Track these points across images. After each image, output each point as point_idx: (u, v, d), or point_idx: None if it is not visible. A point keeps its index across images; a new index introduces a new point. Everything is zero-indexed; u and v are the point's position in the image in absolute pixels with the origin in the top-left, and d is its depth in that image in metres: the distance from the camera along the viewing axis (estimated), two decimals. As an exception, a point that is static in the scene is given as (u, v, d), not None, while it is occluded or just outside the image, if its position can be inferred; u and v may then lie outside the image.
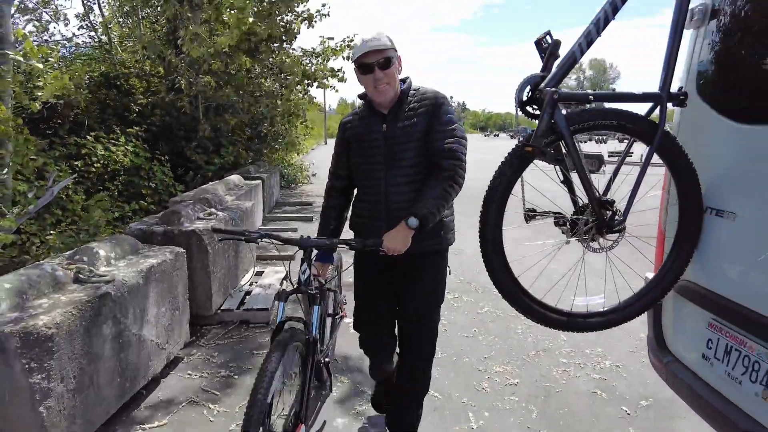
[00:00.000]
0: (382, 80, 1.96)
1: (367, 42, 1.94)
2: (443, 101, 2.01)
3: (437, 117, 1.98)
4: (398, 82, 2.04)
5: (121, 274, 2.51)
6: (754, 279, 1.58)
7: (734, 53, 1.77)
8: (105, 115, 8.16)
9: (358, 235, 2.19)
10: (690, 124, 1.93)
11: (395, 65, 2.00)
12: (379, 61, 1.94)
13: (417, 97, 2.04)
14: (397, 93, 2.03)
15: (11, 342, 1.83)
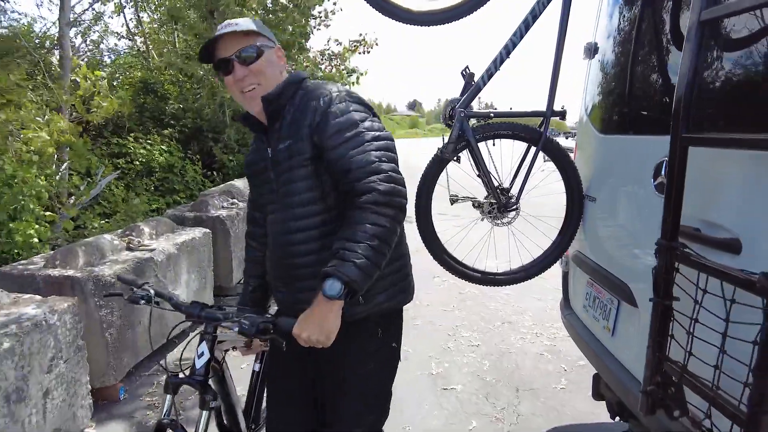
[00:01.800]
0: (247, 80, 1.38)
1: (220, 29, 1.38)
2: (330, 100, 1.35)
3: (324, 127, 1.32)
4: (279, 83, 1.43)
5: (161, 246, 3.28)
6: (603, 246, 2.22)
7: (601, 79, 2.41)
8: (143, 117, 9.09)
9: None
10: (581, 134, 2.58)
11: (267, 58, 1.41)
12: (239, 53, 1.37)
13: (301, 102, 1.40)
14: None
15: (88, 285, 2.60)
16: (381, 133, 1.37)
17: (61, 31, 5.75)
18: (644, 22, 2.06)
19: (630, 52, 2.14)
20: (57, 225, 4.90)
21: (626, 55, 2.18)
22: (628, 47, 2.15)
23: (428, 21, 2.33)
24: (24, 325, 1.99)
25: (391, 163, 1.34)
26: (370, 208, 1.26)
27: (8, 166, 3.70)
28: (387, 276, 1.46)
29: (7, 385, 1.89)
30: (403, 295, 1.57)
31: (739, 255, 1.38)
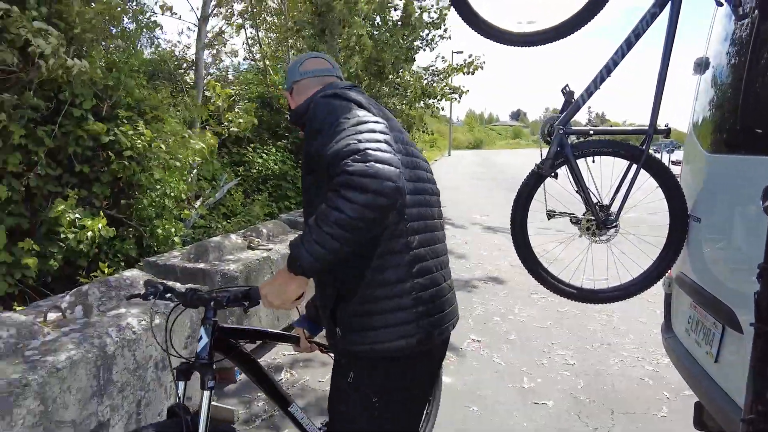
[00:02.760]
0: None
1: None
2: (314, 105, 1.33)
3: (306, 133, 1.32)
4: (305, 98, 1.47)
5: (277, 246, 3.67)
6: (709, 268, 2.15)
7: (712, 96, 2.33)
8: (260, 129, 9.96)
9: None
10: (687, 152, 2.50)
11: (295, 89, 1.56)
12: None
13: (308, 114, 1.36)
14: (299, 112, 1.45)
15: (216, 277, 3.01)
16: (364, 118, 1.22)
17: (197, 54, 6.57)
18: (760, 38, 1.98)
19: (744, 69, 2.07)
20: (187, 222, 5.60)
21: (740, 72, 2.10)
22: (742, 64, 2.08)
23: (529, 42, 2.42)
24: (169, 306, 2.38)
25: (373, 142, 1.12)
26: (338, 191, 1.08)
27: (157, 173, 4.35)
28: (359, 315, 1.31)
29: (156, 353, 2.28)
30: (380, 345, 1.29)
31: None
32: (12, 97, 3.57)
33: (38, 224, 3.99)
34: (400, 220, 1.31)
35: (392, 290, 1.30)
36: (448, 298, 1.43)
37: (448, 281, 1.47)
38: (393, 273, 1.30)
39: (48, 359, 1.78)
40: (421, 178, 1.45)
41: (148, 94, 4.63)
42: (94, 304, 2.23)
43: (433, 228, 1.44)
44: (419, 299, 1.32)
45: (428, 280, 1.35)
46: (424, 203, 1.42)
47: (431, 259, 1.38)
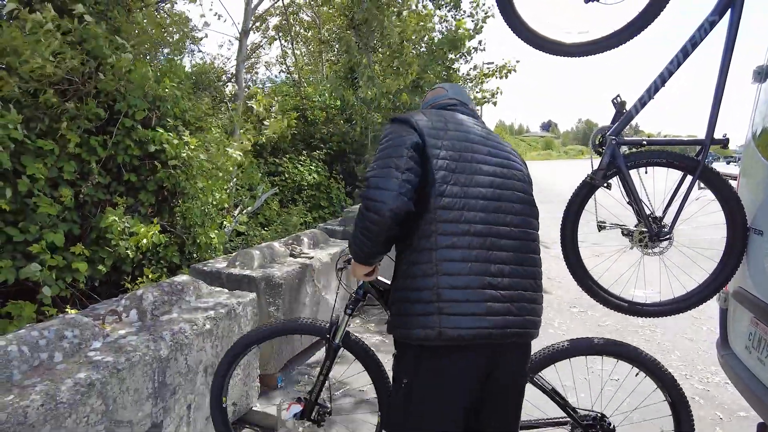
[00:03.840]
0: None
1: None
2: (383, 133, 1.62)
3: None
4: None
5: (318, 255, 3.70)
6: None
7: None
8: (295, 140, 10.12)
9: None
10: (746, 162, 2.41)
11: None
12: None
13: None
14: None
15: (261, 284, 3.05)
16: (387, 147, 1.53)
17: (238, 67, 6.74)
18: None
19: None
20: (227, 230, 5.71)
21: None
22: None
23: (579, 52, 2.40)
24: (219, 312, 2.43)
25: (381, 169, 1.47)
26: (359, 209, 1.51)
27: (200, 181, 4.46)
28: (397, 302, 1.55)
29: (206, 359, 2.32)
30: (406, 330, 1.50)
31: None
32: (73, 107, 3.73)
33: (88, 230, 4.14)
34: (432, 222, 1.47)
35: (418, 283, 1.47)
36: (489, 304, 1.45)
37: (503, 290, 1.48)
38: (420, 268, 1.47)
39: (109, 360, 1.83)
40: (479, 183, 1.54)
41: (192, 105, 4.76)
42: (148, 309, 2.29)
43: (489, 233, 1.50)
44: (440, 296, 1.43)
45: (458, 280, 1.44)
46: (474, 207, 1.50)
47: (471, 262, 1.46)
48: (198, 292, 2.60)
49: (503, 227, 1.53)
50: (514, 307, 1.48)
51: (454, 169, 1.51)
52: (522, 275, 1.53)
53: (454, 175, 1.50)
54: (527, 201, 1.64)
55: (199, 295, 2.60)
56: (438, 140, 1.53)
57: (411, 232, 1.51)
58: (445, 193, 1.48)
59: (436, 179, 1.48)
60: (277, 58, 14.36)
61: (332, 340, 1.99)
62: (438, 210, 1.47)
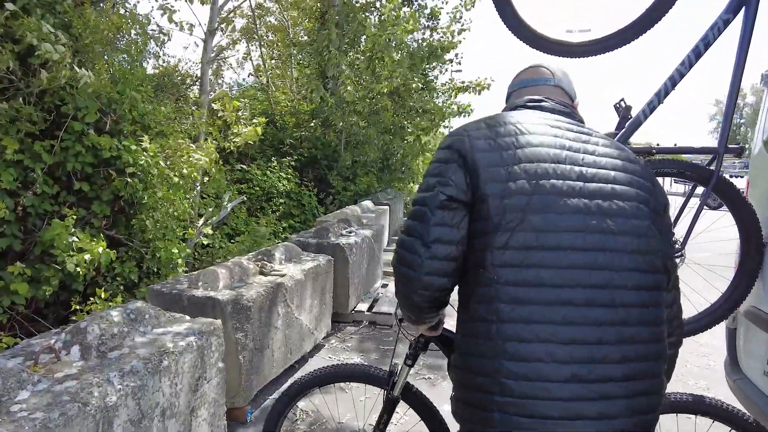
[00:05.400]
0: None
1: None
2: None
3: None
4: None
5: (290, 271, 3.39)
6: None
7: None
8: (264, 146, 9.74)
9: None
10: (757, 171, 2.25)
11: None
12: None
13: None
14: None
15: (227, 308, 2.73)
16: (430, 169, 1.18)
17: (203, 69, 6.35)
18: None
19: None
20: (189, 242, 5.31)
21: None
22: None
23: (582, 52, 2.20)
24: (179, 345, 2.11)
25: (412, 218, 1.15)
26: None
27: (160, 190, 4.08)
28: (454, 378, 1.20)
29: (163, 400, 1.99)
30: (460, 419, 1.14)
31: None
32: (9, 108, 3.32)
33: (32, 246, 3.71)
34: (490, 284, 1.06)
35: (474, 364, 1.09)
36: (571, 404, 1.00)
37: (594, 383, 1.01)
38: (477, 346, 1.08)
39: (37, 416, 1.49)
40: (563, 226, 1.06)
41: (153, 108, 4.38)
42: (93, 344, 1.95)
43: (576, 300, 1.03)
44: (503, 388, 1.02)
45: (529, 369, 1.01)
46: (555, 263, 1.04)
47: (548, 343, 1.01)
48: (155, 320, 2.27)
49: (599, 291, 1.04)
50: (612, 407, 1.02)
51: (524, 208, 1.06)
52: (628, 359, 1.04)
53: (525, 216, 1.05)
54: (643, 248, 1.09)
55: (156, 324, 2.26)
56: (500, 167, 1.09)
57: (466, 291, 1.14)
58: (509, 244, 1.05)
59: (495, 225, 1.06)
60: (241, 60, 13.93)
61: (391, 391, 1.77)
62: (499, 269, 1.05)
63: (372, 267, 5.16)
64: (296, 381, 1.92)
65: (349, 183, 9.35)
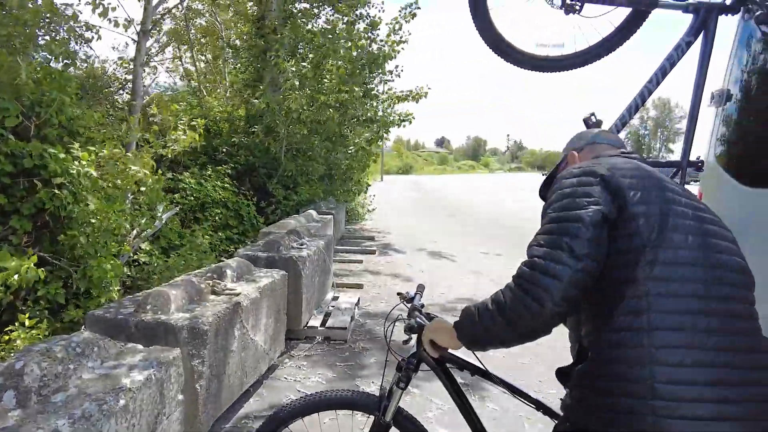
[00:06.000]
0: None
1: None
2: (556, 180, 1.37)
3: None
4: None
5: (245, 290, 3.18)
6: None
7: (743, 130, 2.24)
8: (197, 153, 9.26)
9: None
10: (710, 185, 2.39)
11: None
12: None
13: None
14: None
15: (182, 333, 2.50)
16: (564, 198, 1.26)
17: (135, 71, 5.93)
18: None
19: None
20: (122, 257, 4.89)
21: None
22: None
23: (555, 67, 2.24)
24: (135, 379, 1.88)
25: (549, 247, 1.19)
26: (499, 290, 1.27)
27: (92, 203, 3.71)
28: (587, 388, 1.20)
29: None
30: (602, 427, 1.15)
31: None
32: None
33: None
34: (642, 296, 1.15)
35: (623, 371, 1.15)
36: (721, 406, 1.08)
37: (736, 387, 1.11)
38: (626, 353, 1.15)
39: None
40: (694, 245, 1.20)
41: (82, 113, 3.99)
42: (32, 387, 1.69)
43: (712, 310, 1.15)
44: (656, 392, 1.09)
45: (680, 373, 1.10)
46: (692, 278, 1.16)
47: (696, 348, 1.12)
48: (105, 352, 2.02)
49: (723, 302, 1.16)
50: (751, 409, 1.09)
51: (663, 228, 1.18)
52: (757, 366, 1.14)
53: (666, 235, 1.18)
54: (744, 268, 1.24)
55: (107, 357, 2.01)
56: (638, 192, 1.22)
57: (607, 304, 1.18)
58: (658, 260, 1.15)
59: (644, 243, 1.16)
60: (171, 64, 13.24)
61: (383, 416, 1.69)
62: (650, 282, 1.14)
63: (323, 279, 5.00)
64: (277, 412, 1.77)
65: (290, 192, 9.10)
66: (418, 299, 1.84)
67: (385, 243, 10.05)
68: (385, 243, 10.04)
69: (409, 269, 7.66)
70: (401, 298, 1.91)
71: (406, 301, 1.86)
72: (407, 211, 17.21)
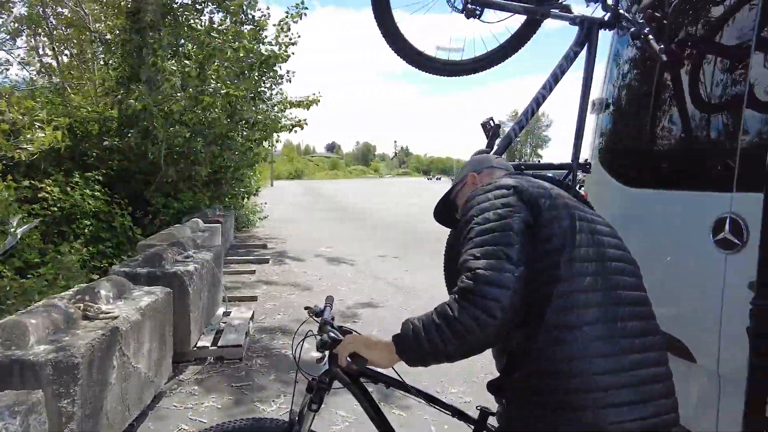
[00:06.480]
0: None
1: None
2: (469, 198, 1.40)
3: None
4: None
5: (123, 312, 2.80)
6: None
7: (619, 136, 2.44)
8: (61, 158, 8.19)
9: None
10: (594, 187, 2.57)
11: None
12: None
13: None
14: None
15: (45, 370, 2.11)
16: (486, 212, 1.28)
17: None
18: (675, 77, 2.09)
19: (653, 108, 2.18)
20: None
21: (650, 111, 2.21)
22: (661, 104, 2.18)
23: (452, 71, 2.25)
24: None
25: (488, 258, 1.17)
26: (442, 304, 1.22)
27: None
28: (524, 392, 1.23)
29: None
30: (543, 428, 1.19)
31: None
32: None
33: None
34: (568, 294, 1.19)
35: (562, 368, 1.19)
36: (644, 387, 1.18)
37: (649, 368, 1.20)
38: (563, 350, 1.19)
39: None
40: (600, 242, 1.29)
41: None
42: None
43: (621, 299, 1.26)
44: (596, 384, 1.15)
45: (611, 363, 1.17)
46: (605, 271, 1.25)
47: (618, 337, 1.21)
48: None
49: (628, 292, 1.25)
50: (661, 388, 1.20)
51: (573, 229, 1.25)
52: (653, 347, 1.23)
53: (576, 235, 1.25)
54: (633, 260, 1.35)
55: (-62, 412, 1.61)
56: (547, 200, 1.29)
57: (538, 306, 1.19)
58: (574, 258, 1.21)
59: (563, 243, 1.22)
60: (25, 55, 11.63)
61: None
62: (572, 279, 1.18)
63: (213, 294, 4.64)
64: None
65: (171, 200, 8.39)
66: (328, 312, 1.71)
67: (280, 251, 9.71)
68: (279, 251, 9.70)
69: (306, 277, 7.45)
70: (309, 312, 1.77)
71: (315, 315, 1.72)
72: (301, 217, 16.90)
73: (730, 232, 1.69)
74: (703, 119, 2.00)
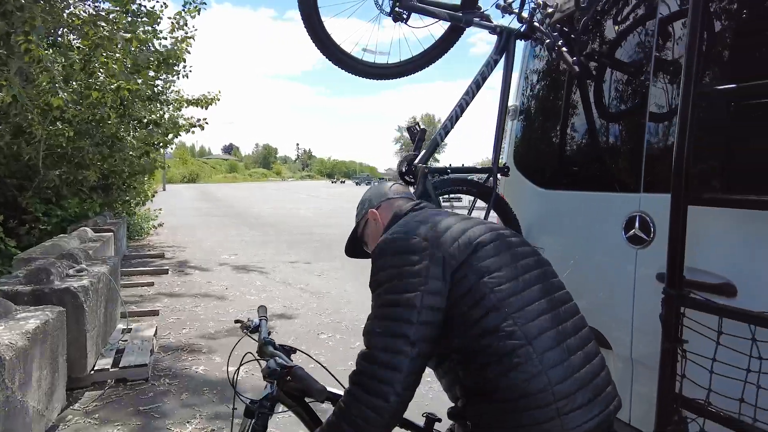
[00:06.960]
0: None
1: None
2: (378, 253, 1.32)
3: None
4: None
5: (6, 338, 2.43)
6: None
7: (531, 141, 2.59)
8: None
9: None
10: (510, 185, 2.70)
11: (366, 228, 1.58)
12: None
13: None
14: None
15: None
16: (388, 276, 1.25)
17: None
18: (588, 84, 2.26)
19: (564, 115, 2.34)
20: None
21: (561, 118, 2.37)
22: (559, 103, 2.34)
23: (375, 74, 2.25)
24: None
25: (384, 336, 1.19)
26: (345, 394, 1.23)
27: None
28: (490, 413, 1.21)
29: None
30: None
31: (735, 297, 1.54)
32: None
33: None
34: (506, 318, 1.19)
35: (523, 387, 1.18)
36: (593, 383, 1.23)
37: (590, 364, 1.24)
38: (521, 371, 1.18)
39: None
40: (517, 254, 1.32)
41: None
42: None
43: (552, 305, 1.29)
44: (557, 394, 1.15)
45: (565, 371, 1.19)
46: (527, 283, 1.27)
47: (561, 343, 1.23)
48: None
49: (556, 293, 1.29)
50: (605, 376, 1.26)
51: (497, 252, 1.27)
52: (588, 340, 1.29)
53: (498, 257, 1.26)
54: (549, 263, 1.41)
55: None
56: (466, 231, 1.30)
57: (480, 341, 1.18)
58: (502, 280, 1.22)
59: (488, 270, 1.22)
60: None
61: None
62: (506, 302, 1.19)
63: (110, 311, 4.21)
64: None
65: (52, 207, 7.50)
66: (265, 327, 1.61)
67: (180, 260, 9.09)
68: (179, 260, 9.08)
69: (212, 287, 7.04)
70: (242, 327, 1.66)
71: (250, 332, 1.61)
72: (198, 223, 16.00)
73: (639, 228, 1.85)
74: (612, 126, 2.18)
